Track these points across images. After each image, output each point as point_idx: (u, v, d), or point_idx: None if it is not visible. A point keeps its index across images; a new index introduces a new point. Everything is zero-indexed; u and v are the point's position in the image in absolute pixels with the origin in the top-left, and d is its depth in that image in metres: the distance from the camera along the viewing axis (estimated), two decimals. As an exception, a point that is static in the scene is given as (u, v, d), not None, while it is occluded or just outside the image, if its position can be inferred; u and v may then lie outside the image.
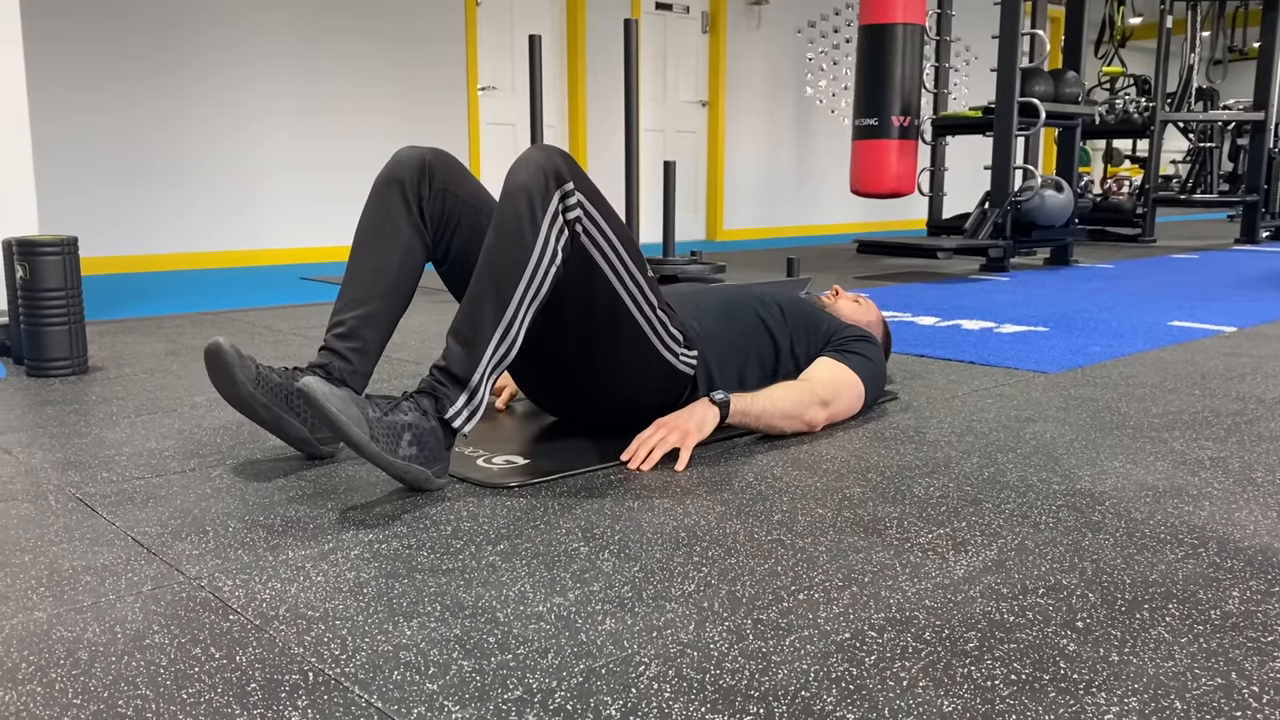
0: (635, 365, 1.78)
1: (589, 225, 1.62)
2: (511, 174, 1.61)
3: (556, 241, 1.59)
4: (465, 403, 1.57)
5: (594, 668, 1.02)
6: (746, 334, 1.98)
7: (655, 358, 1.77)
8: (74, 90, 5.01)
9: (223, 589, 1.22)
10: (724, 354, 1.93)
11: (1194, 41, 7.53)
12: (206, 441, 1.90)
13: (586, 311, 1.70)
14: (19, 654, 1.05)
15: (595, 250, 1.64)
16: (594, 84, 7.05)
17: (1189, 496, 1.57)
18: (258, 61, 5.57)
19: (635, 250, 1.71)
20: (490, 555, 1.32)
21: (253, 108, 5.59)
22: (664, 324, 1.76)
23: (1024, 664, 1.03)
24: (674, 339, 1.79)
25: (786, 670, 1.02)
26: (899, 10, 5.45)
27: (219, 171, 5.52)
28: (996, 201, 5.22)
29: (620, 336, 1.73)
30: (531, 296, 1.58)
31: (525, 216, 1.57)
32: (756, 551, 1.34)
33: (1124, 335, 3.12)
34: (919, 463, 1.76)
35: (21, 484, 1.64)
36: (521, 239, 1.57)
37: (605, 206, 1.67)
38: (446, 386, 1.57)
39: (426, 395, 1.57)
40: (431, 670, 1.01)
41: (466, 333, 1.57)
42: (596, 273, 1.65)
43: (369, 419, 1.49)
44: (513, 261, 1.57)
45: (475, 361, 1.56)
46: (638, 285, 1.70)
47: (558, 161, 1.60)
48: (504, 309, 1.57)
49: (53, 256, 2.51)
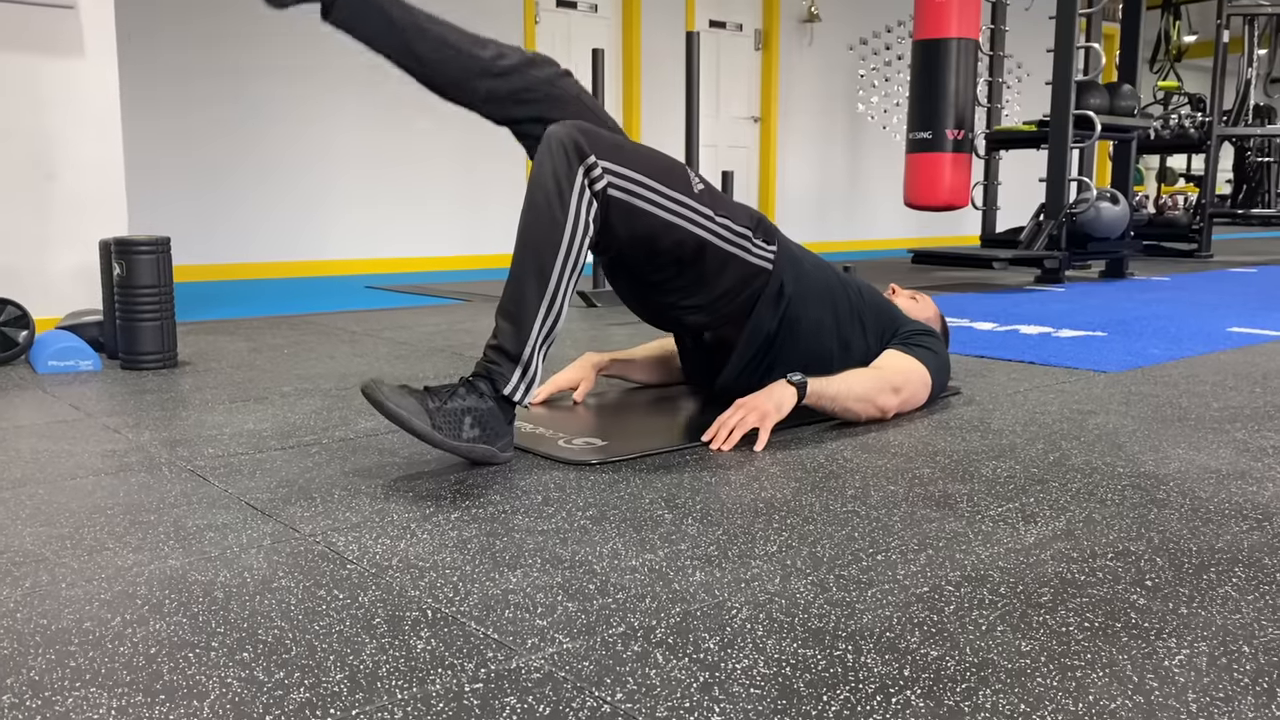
0: (715, 271, 1.87)
1: (619, 182, 1.71)
2: (538, 158, 1.71)
3: (587, 213, 1.69)
4: (520, 377, 1.67)
5: (689, 610, 1.10)
6: (833, 286, 2.06)
7: (730, 259, 1.87)
8: (157, 105, 5.21)
9: (337, 544, 1.31)
10: (805, 280, 1.99)
11: (1251, 58, 7.48)
12: (300, 424, 2.01)
13: (652, 248, 1.81)
14: (161, 593, 1.15)
15: (634, 198, 1.73)
16: (649, 99, 7.17)
17: (1253, 479, 1.61)
18: (321, 78, 5.75)
19: (672, 176, 1.79)
20: (581, 519, 1.40)
21: (320, 121, 5.77)
22: (726, 227, 1.85)
23: (1096, 614, 1.09)
24: (741, 236, 1.88)
25: (871, 616, 1.08)
26: (953, 25, 5.51)
27: (286, 185, 5.69)
28: (1052, 213, 5.24)
29: (692, 254, 1.83)
30: (570, 269, 1.69)
31: (554, 195, 1.67)
32: (833, 520, 1.41)
33: (1182, 340, 3.15)
34: (985, 448, 1.81)
35: (135, 457, 1.75)
36: (554, 218, 1.67)
37: (631, 154, 1.75)
38: (500, 364, 1.67)
39: (482, 378, 1.67)
40: (539, 610, 1.09)
41: (513, 311, 1.67)
42: (646, 215, 1.75)
43: (429, 410, 1.59)
44: (548, 240, 1.67)
45: (525, 336, 1.67)
46: (685, 205, 1.80)
47: (577, 136, 1.69)
48: (545, 284, 1.67)
49: (148, 255, 2.65)
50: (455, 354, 2.90)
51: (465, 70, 1.81)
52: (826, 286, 2.04)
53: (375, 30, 1.75)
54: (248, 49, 5.49)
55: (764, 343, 1.95)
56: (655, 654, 0.99)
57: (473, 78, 1.82)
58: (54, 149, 3.10)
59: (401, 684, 0.93)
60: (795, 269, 1.98)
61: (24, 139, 3.06)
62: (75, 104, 3.12)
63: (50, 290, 3.11)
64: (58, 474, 1.64)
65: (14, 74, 3.02)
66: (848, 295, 2.08)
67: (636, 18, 7.06)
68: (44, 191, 3.10)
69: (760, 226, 1.93)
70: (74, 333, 2.79)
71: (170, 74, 5.27)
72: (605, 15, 7.04)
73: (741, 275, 1.90)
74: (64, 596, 1.14)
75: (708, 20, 7.57)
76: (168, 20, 5.24)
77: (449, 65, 1.80)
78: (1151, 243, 7.52)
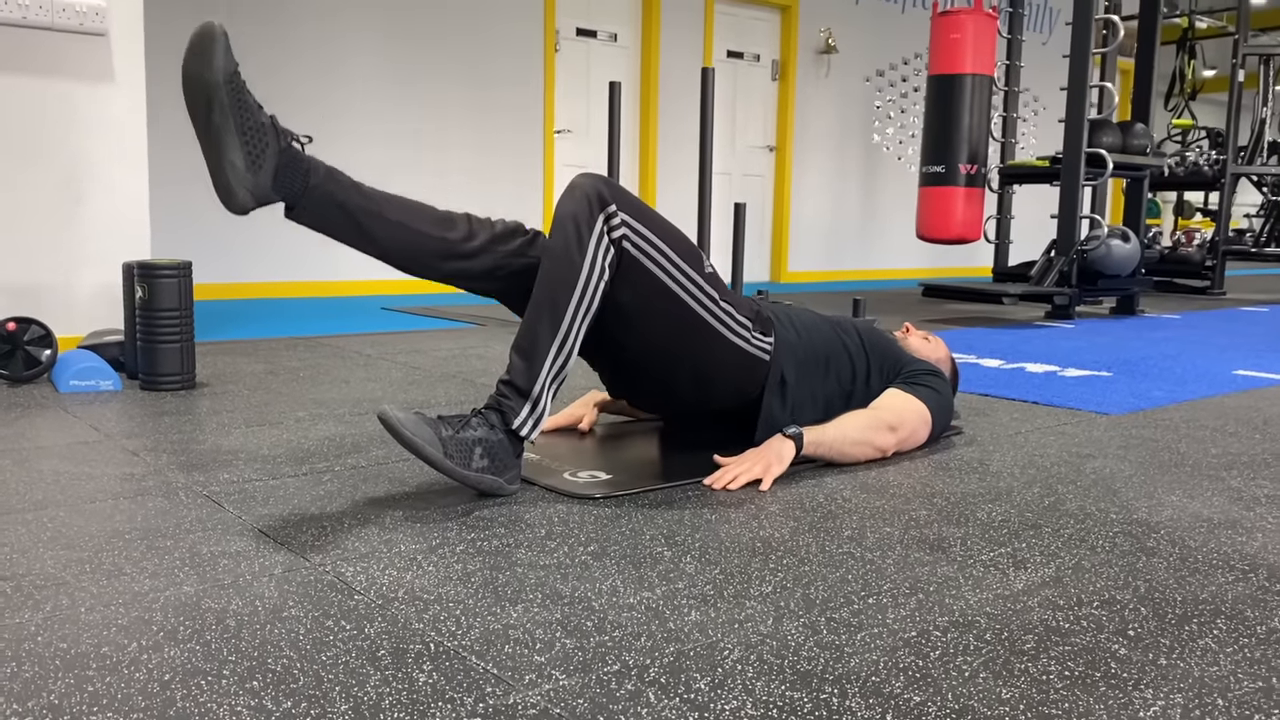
0: (709, 356, 1.91)
1: (635, 238, 1.77)
2: (560, 203, 1.77)
3: (604, 259, 1.74)
4: (529, 413, 1.72)
5: (683, 650, 1.13)
6: (829, 351, 2.10)
7: (726, 346, 1.91)
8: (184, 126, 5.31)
9: (345, 574, 1.35)
10: (805, 361, 2.04)
11: (1266, 96, 7.51)
12: (314, 450, 2.06)
13: (653, 315, 1.85)
14: (176, 619, 1.19)
15: (647, 260, 1.79)
16: (665, 128, 7.25)
17: (1243, 529, 1.64)
18: (346, 104, 5.84)
19: (689, 251, 1.85)
20: (582, 555, 1.45)
21: (338, 148, 5.86)
22: (729, 314, 1.90)
23: (1077, 663, 1.12)
24: (742, 326, 1.92)
25: (858, 660, 1.12)
26: (967, 62, 5.57)
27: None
28: (1063, 250, 5.27)
29: (687, 331, 1.87)
30: (585, 311, 1.73)
31: (573, 240, 1.73)
32: (828, 562, 1.44)
33: (1187, 381, 3.17)
34: (982, 490, 1.85)
35: (153, 481, 1.80)
36: (571, 260, 1.72)
37: (651, 218, 1.81)
38: (510, 399, 1.72)
39: (494, 411, 1.72)
40: (538, 645, 1.14)
41: (526, 347, 1.73)
42: (653, 280, 1.80)
43: (442, 438, 1.64)
44: (564, 281, 1.72)
45: (536, 373, 1.72)
46: (693, 282, 1.84)
47: (600, 187, 1.76)
48: (559, 324, 1.72)
49: (169, 279, 2.71)
50: (467, 380, 2.95)
51: (433, 254, 1.79)
52: (826, 355, 2.09)
53: (339, 227, 1.72)
54: (271, 76, 5.59)
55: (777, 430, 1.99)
56: (648, 693, 1.03)
57: (441, 260, 1.80)
58: (82, 172, 3.18)
59: (403, 717, 0.97)
60: (794, 356, 2.02)
61: (54, 161, 3.14)
62: (104, 128, 3.20)
63: (73, 309, 3.19)
64: (78, 497, 1.69)
65: (46, 98, 3.10)
66: (848, 352, 2.12)
67: (655, 47, 7.14)
68: (71, 213, 3.18)
69: (758, 318, 1.97)
70: (95, 352, 2.86)
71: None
72: (625, 44, 7.13)
73: (737, 363, 1.94)
74: (83, 621, 1.18)
75: (725, 50, 7.66)
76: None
77: (416, 251, 1.78)
78: (1164, 280, 7.53)
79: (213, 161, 1.57)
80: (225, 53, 1.54)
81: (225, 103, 1.55)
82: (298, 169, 1.64)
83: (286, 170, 1.63)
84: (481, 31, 6.33)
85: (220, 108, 1.55)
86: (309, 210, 1.68)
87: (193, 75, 1.54)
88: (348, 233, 1.73)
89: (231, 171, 1.56)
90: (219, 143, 1.56)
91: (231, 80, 1.56)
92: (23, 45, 3.04)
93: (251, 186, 1.59)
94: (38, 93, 3.09)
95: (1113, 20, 5.61)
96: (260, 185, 1.60)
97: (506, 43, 6.43)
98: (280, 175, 1.62)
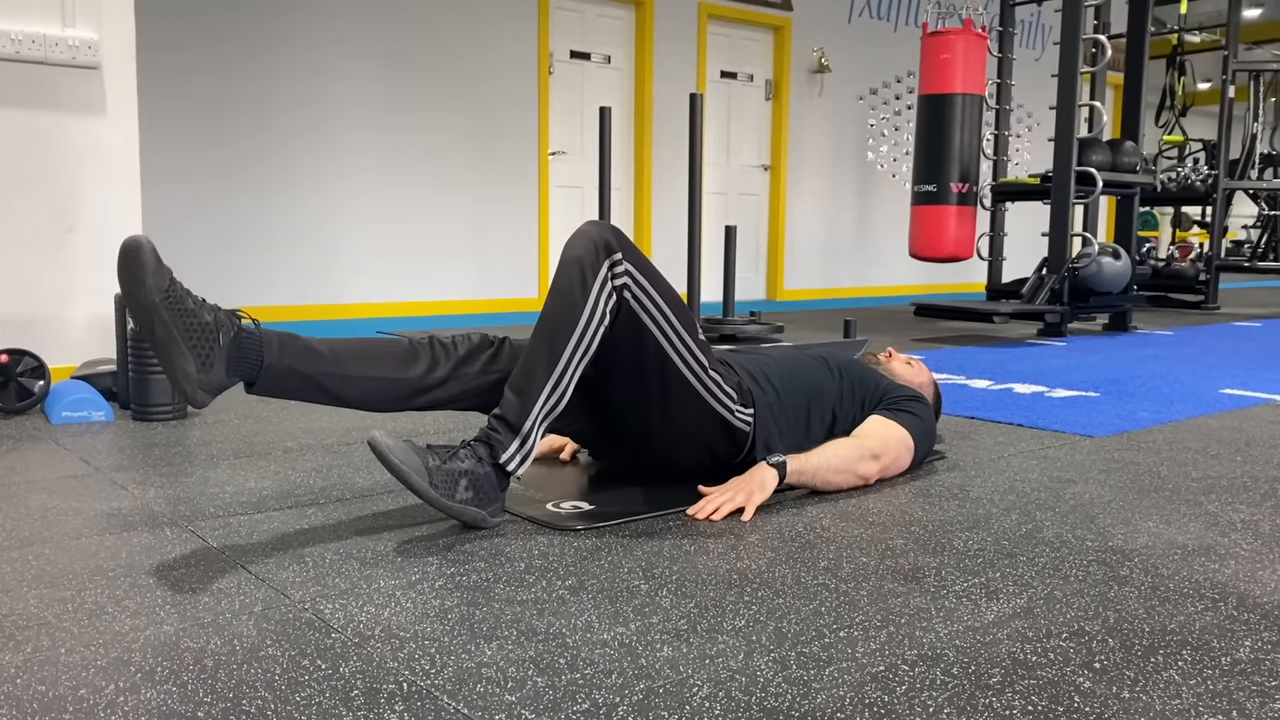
0: (691, 422, 1.92)
1: (637, 291, 1.79)
2: (567, 247, 1.79)
3: (605, 304, 1.76)
4: (518, 449, 1.74)
5: (653, 687, 1.15)
6: (808, 399, 2.12)
7: (710, 414, 1.92)
8: (177, 156, 5.35)
9: (324, 611, 1.37)
10: (785, 422, 2.07)
11: (1257, 110, 7.55)
12: (300, 482, 2.08)
13: (640, 373, 1.86)
14: (154, 660, 1.21)
15: (644, 314, 1.81)
16: (659, 149, 7.29)
17: (1216, 555, 1.66)
18: (342, 130, 5.89)
19: (685, 315, 1.87)
20: (559, 589, 1.46)
21: (336, 171, 5.90)
22: (717, 383, 1.91)
23: (1041, 697, 1.14)
24: (728, 397, 1.93)
25: (825, 695, 1.14)
26: (958, 81, 5.61)
27: (304, 231, 5.82)
28: (1054, 268, 5.30)
29: (673, 395, 1.88)
30: (581, 353, 1.75)
31: (577, 282, 1.75)
32: (803, 593, 1.46)
33: (1174, 401, 3.19)
34: (960, 518, 1.87)
35: (139, 516, 1.82)
36: (573, 302, 1.75)
37: (654, 275, 1.83)
38: (500, 433, 1.74)
39: (483, 444, 1.74)
40: (510, 684, 1.15)
41: (521, 384, 1.75)
42: (646, 335, 1.82)
43: (429, 467, 1.66)
44: (564, 322, 1.75)
45: (528, 410, 1.74)
46: (687, 347, 1.86)
47: (608, 235, 1.78)
48: (555, 364, 1.74)
49: (160, 310, 2.73)
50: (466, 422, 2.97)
51: (400, 396, 1.82)
52: (808, 402, 2.11)
53: (302, 392, 1.76)
54: (263, 107, 5.63)
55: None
56: (614, 732, 1.05)
57: (408, 399, 1.83)
58: (75, 203, 3.21)
59: (372, 758, 0.99)
60: (772, 420, 2.04)
61: (47, 193, 3.17)
62: (97, 160, 3.23)
63: (67, 339, 3.21)
64: (64, 533, 1.71)
65: (40, 130, 3.13)
66: (826, 392, 2.15)
67: (649, 69, 7.19)
68: (64, 244, 3.21)
69: (739, 390, 1.98)
70: (89, 383, 2.88)
71: (193, 126, 5.41)
72: (618, 66, 7.18)
73: (716, 430, 1.95)
74: (63, 662, 1.20)
75: (719, 71, 7.71)
76: (189, 78, 5.39)
77: (384, 398, 1.81)
78: (1158, 294, 7.56)
79: (167, 371, 1.61)
80: (155, 267, 1.58)
81: (165, 318, 1.58)
82: (251, 352, 1.68)
83: (239, 357, 1.67)
84: (475, 55, 6.38)
85: (161, 323, 1.58)
86: (269, 385, 1.72)
87: (129, 296, 1.58)
88: (313, 395, 1.77)
89: (185, 379, 1.60)
90: (169, 354, 1.60)
91: (168, 293, 1.59)
92: (16, 79, 3.08)
93: (206, 385, 1.63)
94: (31, 125, 3.12)
95: (1100, 40, 5.65)
96: (214, 380, 1.64)
97: (501, 66, 6.48)
98: (233, 363, 1.66)
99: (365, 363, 1.79)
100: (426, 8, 6.16)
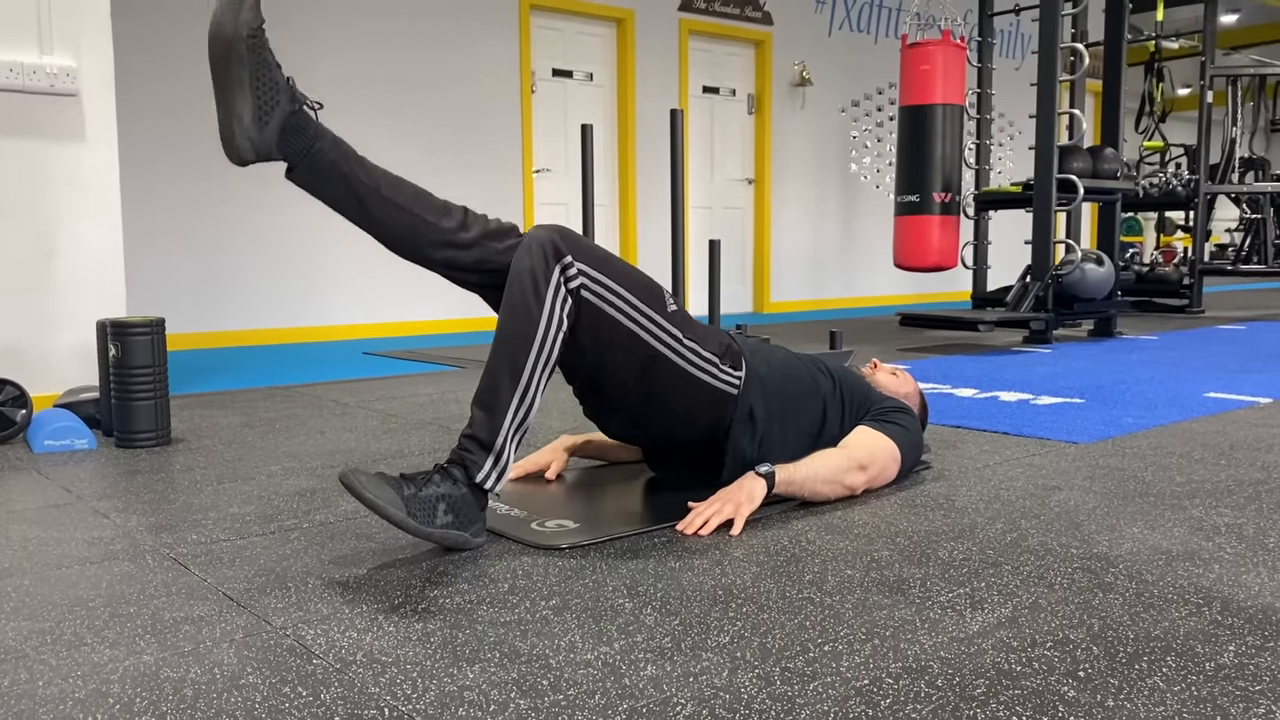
0: (674, 392, 1.93)
1: (594, 287, 1.79)
2: (516, 258, 1.79)
3: (561, 310, 1.76)
4: (492, 465, 1.73)
5: (636, 707, 1.14)
6: (802, 390, 2.12)
7: (692, 382, 1.92)
8: (158, 182, 5.34)
9: (306, 637, 1.36)
10: (775, 396, 2.06)
11: (1235, 115, 7.61)
12: (283, 507, 2.06)
13: (617, 357, 1.87)
14: (133, 691, 1.20)
15: (607, 306, 1.81)
16: (643, 164, 7.31)
17: (1200, 560, 1.66)
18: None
19: (649, 293, 1.86)
20: (543, 610, 1.46)
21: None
22: (695, 351, 1.91)
23: (1026, 707, 1.13)
24: (708, 362, 1.94)
25: (809, 711, 1.13)
26: (938, 92, 5.65)
27: (288, 253, 5.80)
28: (1037, 275, 5.32)
29: (656, 372, 1.89)
30: (544, 363, 1.76)
31: (530, 293, 1.75)
32: (788, 608, 1.46)
33: (1158, 406, 3.20)
34: (946, 528, 1.86)
35: (121, 545, 1.81)
36: (529, 314, 1.74)
37: (609, 264, 1.83)
38: (473, 452, 1.73)
39: (457, 465, 1.73)
40: (492, 708, 1.14)
41: (488, 401, 1.75)
42: (616, 326, 1.82)
43: (404, 497, 1.65)
44: (522, 335, 1.74)
45: (498, 426, 1.74)
46: (657, 324, 1.86)
47: (554, 238, 1.78)
48: (519, 378, 1.74)
49: (142, 337, 2.72)
50: (443, 427, 2.97)
51: (428, 239, 1.82)
52: (799, 394, 2.11)
53: (338, 197, 1.76)
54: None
55: (746, 466, 2.00)
56: (597, 753, 1.04)
57: (434, 246, 1.83)
58: (55, 230, 3.20)
59: (352, 786, 0.98)
60: (764, 390, 2.04)
61: (27, 220, 3.15)
62: (77, 186, 3.22)
63: (49, 367, 3.19)
64: (44, 563, 1.70)
65: (19, 157, 3.13)
66: (820, 391, 2.15)
67: (631, 85, 7.22)
68: (45, 271, 3.19)
69: (728, 353, 1.99)
70: (71, 410, 2.87)
71: (171, 146, 5.41)
72: (600, 83, 7.20)
73: (705, 399, 1.96)
74: (40, 695, 1.19)
75: (701, 86, 7.74)
76: (170, 103, 5.38)
77: (411, 233, 1.82)
78: (1143, 299, 7.59)
79: (221, 112, 1.61)
80: (253, 9, 1.60)
81: (244, 56, 1.59)
82: (306, 132, 1.69)
83: (294, 132, 1.67)
84: (458, 74, 6.39)
85: (238, 60, 1.59)
86: (309, 174, 1.72)
87: (217, 22, 1.58)
88: (346, 205, 1.78)
89: (237, 124, 1.61)
90: (230, 94, 1.60)
91: (254, 36, 1.60)
92: (-6, 108, 3.07)
93: (254, 139, 1.64)
94: (10, 153, 3.11)
95: (1078, 48, 5.69)
96: (264, 141, 1.64)
97: (483, 84, 6.49)
98: (286, 135, 1.66)
99: (405, 196, 1.80)
100: (408, 29, 6.17)
